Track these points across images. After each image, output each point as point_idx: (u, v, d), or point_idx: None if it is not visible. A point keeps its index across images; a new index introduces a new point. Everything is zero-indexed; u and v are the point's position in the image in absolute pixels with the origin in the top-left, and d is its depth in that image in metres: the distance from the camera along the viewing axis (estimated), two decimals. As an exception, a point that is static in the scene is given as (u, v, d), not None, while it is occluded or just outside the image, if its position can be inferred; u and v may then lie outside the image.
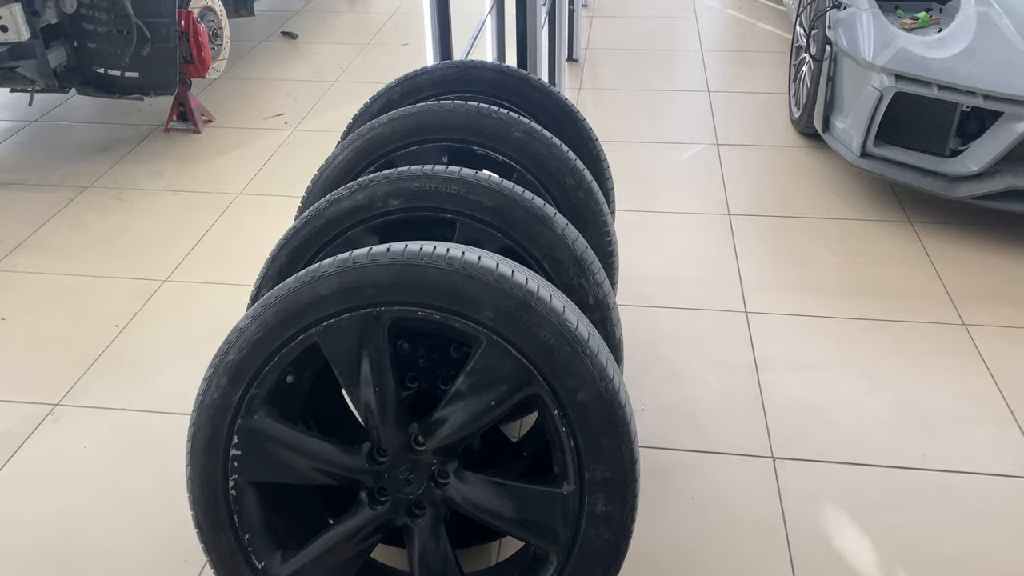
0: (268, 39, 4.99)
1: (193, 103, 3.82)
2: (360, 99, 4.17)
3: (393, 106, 2.22)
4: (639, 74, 4.40)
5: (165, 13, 3.27)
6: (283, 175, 3.46)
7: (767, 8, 5.33)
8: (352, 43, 4.92)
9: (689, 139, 3.69)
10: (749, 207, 3.15)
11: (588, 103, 4.10)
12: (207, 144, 3.74)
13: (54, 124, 3.94)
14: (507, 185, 1.67)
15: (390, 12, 5.42)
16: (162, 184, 3.40)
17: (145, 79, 3.35)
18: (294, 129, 3.87)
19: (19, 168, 3.54)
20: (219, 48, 3.77)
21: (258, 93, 4.25)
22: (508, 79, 2.21)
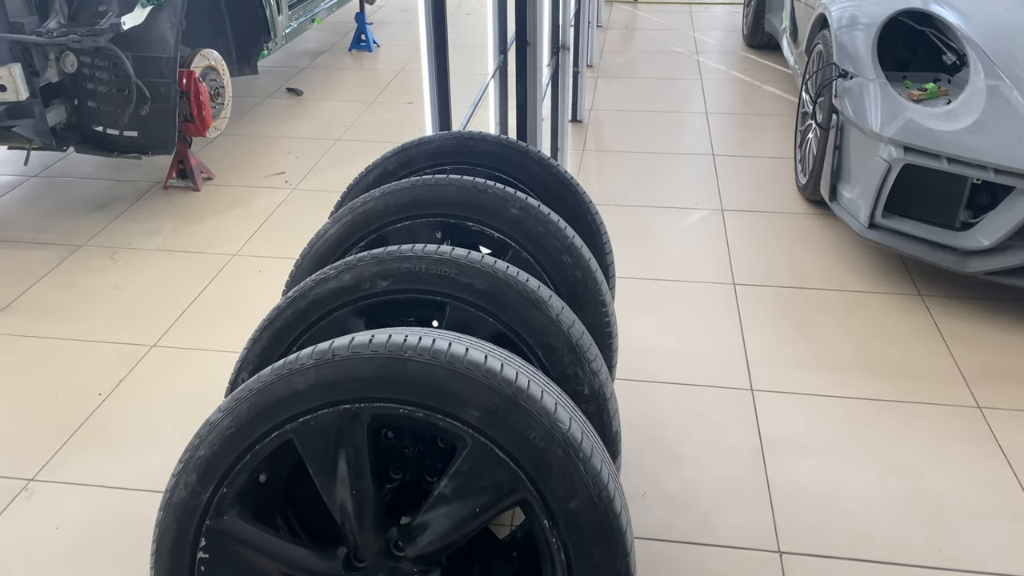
0: (273, 95, 5.00)
1: (193, 161, 3.80)
2: (363, 157, 4.15)
3: (389, 177, 2.17)
4: (643, 136, 4.37)
5: (165, 73, 3.25)
6: (280, 236, 3.41)
7: (772, 70, 5.33)
8: (357, 100, 4.92)
9: (693, 204, 3.63)
10: (755, 276, 3.07)
11: (591, 165, 4.06)
12: (205, 202, 3.70)
13: (53, 180, 3.91)
14: (500, 267, 1.60)
15: (396, 70, 5.43)
16: (157, 243, 3.35)
17: (144, 138, 3.32)
18: (294, 188, 3.83)
19: (14, 225, 3.50)
20: (220, 107, 3.75)
21: (260, 150, 4.23)
22: (506, 151, 2.15)
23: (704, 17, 6.67)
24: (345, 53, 5.82)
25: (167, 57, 3.25)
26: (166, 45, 3.25)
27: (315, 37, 6.11)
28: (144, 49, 3.20)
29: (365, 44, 5.85)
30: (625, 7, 6.98)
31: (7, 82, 2.96)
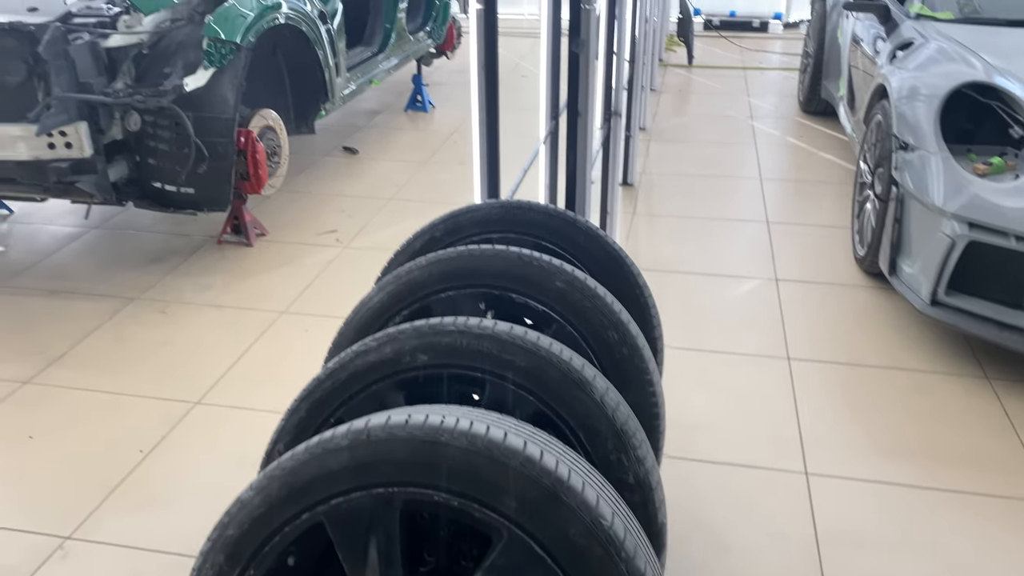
0: (329, 153, 5.09)
1: (247, 217, 3.86)
2: (414, 217, 4.17)
3: (435, 244, 2.15)
4: (695, 201, 4.32)
5: (224, 133, 3.33)
6: (329, 295, 3.42)
7: (828, 137, 5.25)
8: (411, 160, 4.98)
9: (746, 272, 3.55)
10: (810, 351, 2.97)
11: (641, 229, 4.02)
12: (257, 258, 3.74)
13: (112, 232, 4.01)
14: (543, 344, 1.55)
15: (450, 131, 5.50)
16: (208, 299, 3.39)
17: (200, 195, 3.39)
18: (345, 246, 3.86)
19: (73, 275, 3.58)
20: (276, 165, 3.82)
21: (313, 208, 4.29)
22: (554, 220, 2.12)
23: (759, 82, 6.64)
24: (401, 113, 5.93)
25: (226, 118, 3.33)
26: (226, 106, 3.33)
27: (373, 97, 6.24)
28: (205, 109, 3.28)
29: (421, 105, 5.95)
30: (679, 71, 7.01)
31: (73, 139, 3.06)
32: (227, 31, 3.28)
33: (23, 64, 3.05)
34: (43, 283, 3.52)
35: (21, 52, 3.05)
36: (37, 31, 2.99)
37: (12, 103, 3.12)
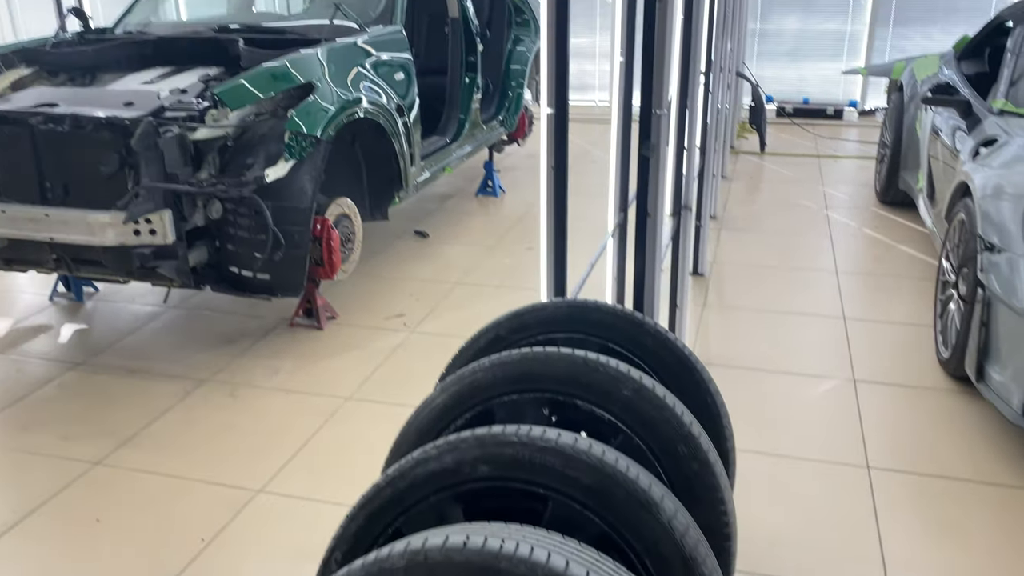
0: (401, 237, 5.19)
1: (319, 301, 3.93)
2: (480, 302, 4.19)
3: (500, 342, 2.14)
4: (768, 293, 4.22)
5: (300, 221, 3.42)
6: (394, 381, 3.43)
7: (907, 229, 5.11)
8: (479, 245, 5.03)
9: (823, 371, 3.42)
10: (892, 460, 2.81)
11: (712, 322, 3.93)
12: (327, 342, 3.79)
13: (189, 312, 4.14)
14: (608, 459, 1.49)
15: (519, 216, 5.56)
16: (276, 382, 3.43)
17: (275, 281, 3.47)
18: (412, 331, 3.88)
19: (150, 355, 3.69)
20: (350, 251, 3.90)
21: (383, 291, 4.35)
22: (621, 322, 2.09)
23: (833, 170, 6.55)
24: (472, 197, 6.03)
25: (304, 207, 3.43)
26: (304, 196, 3.43)
27: (445, 181, 6.37)
28: (283, 199, 3.39)
29: (491, 190, 6.05)
30: (751, 158, 6.97)
31: (158, 227, 3.19)
32: (308, 125, 3.41)
33: (116, 155, 3.23)
34: (122, 361, 3.63)
35: (115, 144, 3.23)
36: (131, 125, 3.16)
37: (104, 191, 3.28)
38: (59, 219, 3.25)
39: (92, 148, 3.26)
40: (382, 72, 4.13)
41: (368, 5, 4.54)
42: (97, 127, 3.23)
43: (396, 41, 4.33)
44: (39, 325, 4.01)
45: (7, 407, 3.28)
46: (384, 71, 4.15)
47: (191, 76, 3.84)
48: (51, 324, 4.02)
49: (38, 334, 3.92)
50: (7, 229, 3.33)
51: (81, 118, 3.23)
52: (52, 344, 3.81)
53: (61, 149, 3.32)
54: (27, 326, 4.01)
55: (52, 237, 3.28)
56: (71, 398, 3.35)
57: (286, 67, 3.57)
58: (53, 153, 3.34)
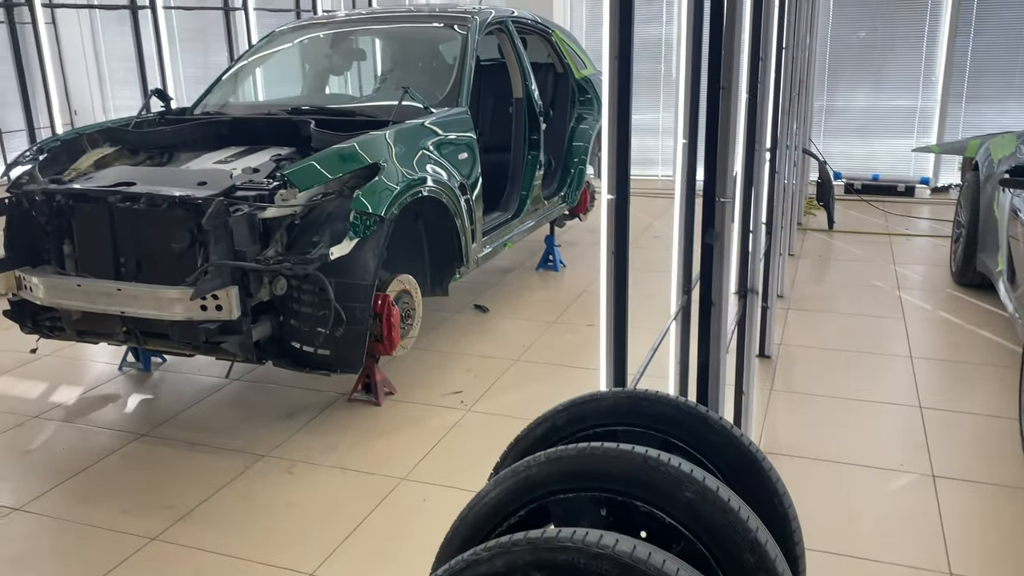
0: (461, 311, 5.19)
1: (378, 376, 3.93)
2: (538, 380, 4.13)
3: (557, 433, 2.08)
4: (839, 378, 4.06)
5: (362, 298, 3.45)
6: (449, 462, 3.38)
7: (987, 313, 4.89)
8: (539, 320, 5.00)
9: (898, 465, 3.24)
10: (977, 568, 2.61)
11: (779, 407, 3.79)
12: (384, 418, 3.78)
13: (251, 385, 4.18)
14: (669, 570, 1.41)
15: (579, 291, 5.53)
16: (333, 459, 3.42)
17: (334, 357, 3.48)
18: (469, 409, 3.84)
19: (211, 428, 3.72)
20: (409, 327, 3.91)
21: (441, 366, 4.34)
22: (684, 416, 2.01)
23: (906, 249, 6.37)
24: (533, 272, 6.04)
25: (366, 284, 3.46)
26: (366, 273, 3.47)
27: (506, 255, 6.40)
28: (346, 276, 3.43)
29: (552, 264, 6.04)
30: (819, 235, 6.84)
31: (224, 303, 3.25)
32: (373, 205, 3.47)
33: (188, 233, 3.33)
34: (184, 433, 3.67)
35: (187, 222, 3.33)
36: (203, 204, 3.26)
37: (174, 267, 3.38)
38: (130, 294, 3.34)
39: (165, 226, 3.37)
40: (446, 152, 4.21)
41: (435, 87, 4.66)
42: (171, 206, 3.34)
43: (461, 122, 4.41)
44: (108, 394, 4.11)
45: (71, 477, 3.34)
46: (448, 151, 4.23)
47: (264, 156, 3.97)
48: (119, 394, 4.11)
49: (106, 403, 4.01)
50: (81, 302, 3.44)
51: (156, 197, 3.35)
52: (118, 414, 3.89)
53: (136, 226, 3.45)
54: (96, 395, 4.10)
55: (123, 311, 3.37)
56: (132, 469, 3.39)
57: (354, 149, 3.66)
58: (128, 230, 3.47)
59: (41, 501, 3.17)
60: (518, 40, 5.29)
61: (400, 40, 5.56)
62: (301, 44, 5.45)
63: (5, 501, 3.17)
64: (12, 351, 4.59)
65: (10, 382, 4.28)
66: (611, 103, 2.05)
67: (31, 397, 4.10)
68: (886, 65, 8.28)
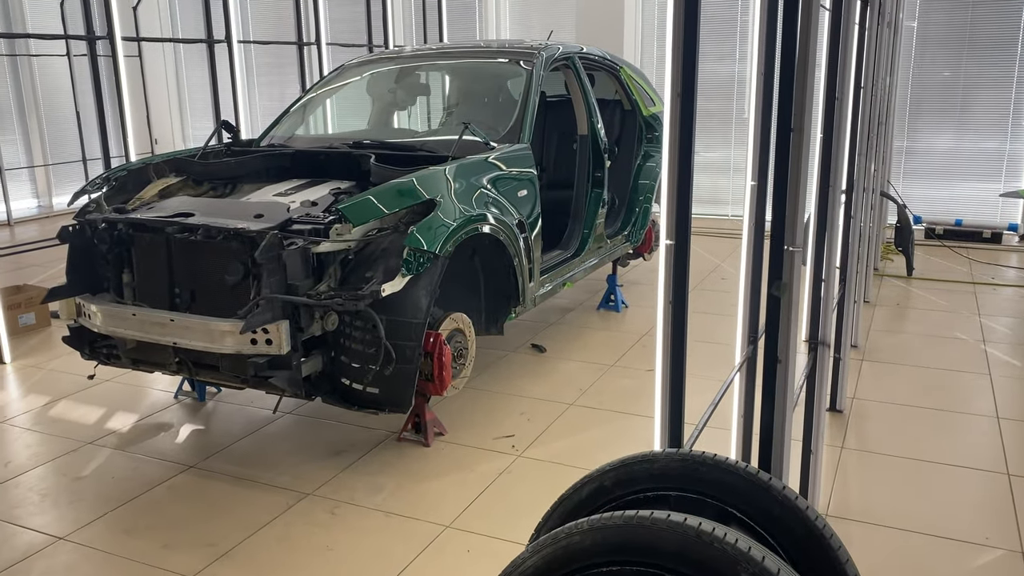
0: (517, 350, 5.08)
1: (428, 416, 3.84)
2: (594, 426, 3.97)
3: (604, 495, 1.93)
4: (916, 438, 3.79)
5: (413, 337, 3.37)
6: (496, 511, 3.24)
7: (1084, 371, 4.54)
8: (597, 363, 4.84)
9: (982, 539, 2.97)
10: (1074, 662, 2.34)
11: (850, 467, 3.54)
12: (432, 460, 3.67)
13: (301, 419, 4.14)
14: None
15: (640, 333, 5.36)
16: (377, 502, 3.32)
17: (383, 396, 3.40)
18: (520, 455, 3.70)
19: (257, 463, 3.67)
20: (461, 367, 3.81)
21: (494, 408, 4.22)
22: (744, 484, 1.84)
23: (992, 299, 6.00)
24: (593, 311, 5.89)
25: (417, 322, 3.38)
26: (418, 311, 3.39)
27: (566, 293, 6.27)
28: (397, 313, 3.36)
29: (614, 304, 5.89)
30: (897, 282, 6.51)
31: (274, 337, 3.20)
32: (428, 241, 3.40)
33: (242, 265, 3.31)
34: (230, 467, 3.63)
35: (241, 255, 3.31)
36: (257, 237, 3.24)
37: (228, 300, 3.36)
38: (183, 324, 3.33)
39: (220, 257, 3.37)
40: (506, 189, 4.13)
41: (498, 123, 4.61)
42: (226, 237, 3.34)
43: (522, 158, 4.34)
44: (161, 423, 4.11)
45: (118, 507, 3.32)
46: (508, 188, 4.15)
47: (323, 189, 3.96)
48: (172, 423, 4.11)
49: (159, 432, 4.01)
50: (135, 331, 3.45)
51: (212, 228, 3.35)
52: (169, 444, 3.88)
53: (192, 257, 3.45)
54: (150, 423, 4.11)
55: (175, 341, 3.37)
56: (177, 502, 3.35)
57: (412, 184, 3.61)
58: (185, 261, 3.47)
59: (86, 531, 3.15)
60: (585, 76, 5.21)
61: (466, 75, 5.54)
62: (368, 78, 5.49)
63: (52, 529, 3.17)
64: (73, 374, 4.67)
65: (69, 406, 4.33)
66: (672, 143, 1.92)
67: (88, 423, 4.13)
68: (971, 105, 7.93)
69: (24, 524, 3.21)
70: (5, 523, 3.22)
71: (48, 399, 4.43)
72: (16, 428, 4.08)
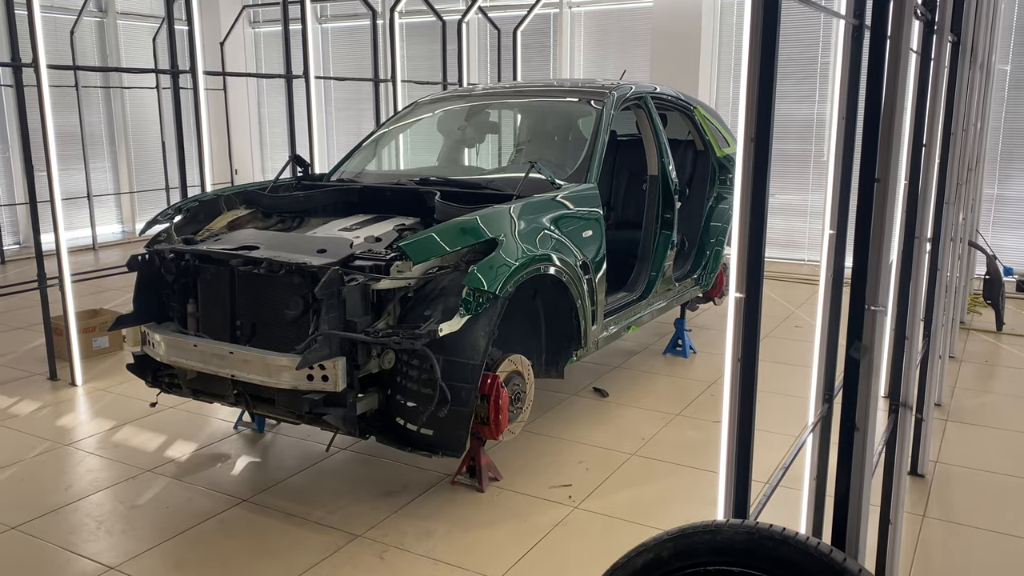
0: (578, 393, 4.95)
1: (483, 460, 3.73)
2: (655, 480, 3.81)
3: (660, 568, 1.79)
4: (1007, 510, 3.50)
5: (469, 379, 3.29)
6: (550, 565, 3.11)
7: None
8: (661, 411, 4.67)
9: (1084, 630, 2.69)
10: None
11: (934, 539, 3.28)
12: (485, 507, 3.56)
13: (356, 456, 4.08)
14: None
15: (708, 381, 5.16)
16: (427, 548, 3.22)
17: (437, 438, 3.32)
18: (576, 507, 3.56)
19: (309, 500, 3.62)
20: (519, 411, 3.70)
21: (552, 453, 4.09)
22: (814, 564, 1.68)
23: (1092, 359, 5.59)
24: (659, 356, 5.72)
25: (474, 364, 3.30)
26: (475, 352, 3.31)
27: (632, 337, 6.12)
28: (454, 354, 3.28)
29: (681, 350, 5.70)
30: (985, 337, 6.14)
31: (330, 374, 3.16)
32: (488, 281, 3.32)
33: (302, 300, 3.29)
34: (283, 503, 3.59)
35: (302, 290, 3.30)
36: (318, 272, 3.23)
37: (287, 334, 3.35)
38: (241, 357, 3.33)
39: (281, 291, 3.36)
40: (571, 229, 4.03)
41: (566, 162, 4.54)
42: (288, 272, 3.33)
43: (588, 198, 4.24)
44: (219, 453, 4.11)
45: (171, 538, 3.30)
46: (573, 228, 4.06)
47: (388, 225, 3.94)
48: (229, 454, 4.11)
49: (216, 463, 4.01)
50: (196, 362, 3.46)
51: (274, 262, 3.35)
52: (225, 475, 3.87)
53: (254, 290, 3.46)
54: (208, 453, 4.12)
55: (234, 374, 3.36)
56: (228, 538, 3.32)
57: (476, 222, 3.55)
58: (247, 294, 3.48)
59: (137, 562, 3.14)
60: (656, 116, 5.11)
61: (536, 114, 5.51)
62: (439, 115, 5.50)
63: (104, 558, 3.17)
64: (139, 399, 4.73)
65: (133, 432, 4.38)
66: (744, 189, 1.80)
67: (148, 449, 4.16)
68: (1068, 153, 7.52)
69: (78, 551, 3.22)
70: (61, 549, 3.23)
71: (113, 423, 4.49)
72: (81, 451, 4.15)
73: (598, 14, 9.74)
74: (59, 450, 4.16)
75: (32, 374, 5.34)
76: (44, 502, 3.61)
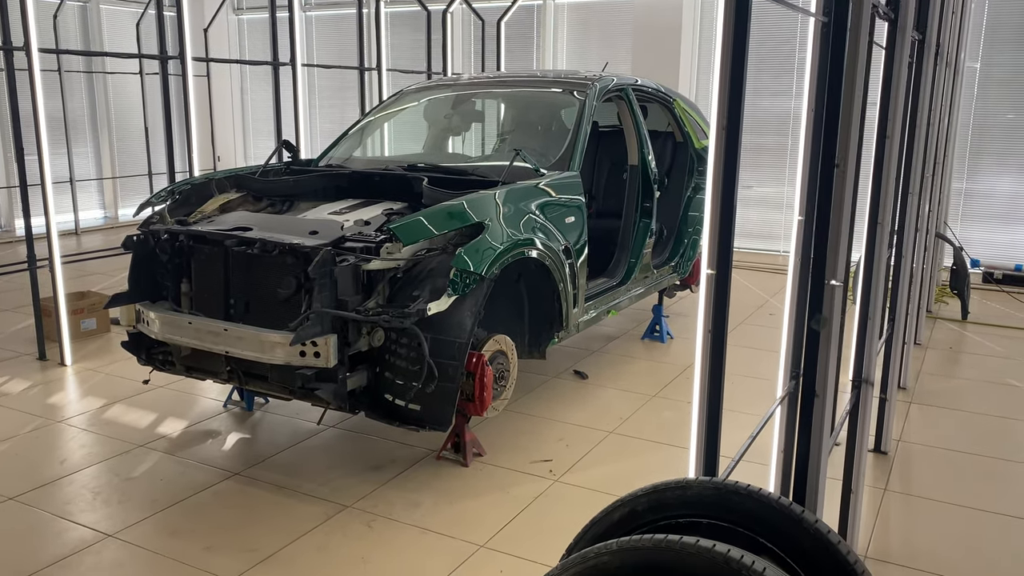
0: (559, 375, 5.10)
1: (468, 436, 3.88)
2: (632, 456, 3.97)
3: (635, 519, 1.95)
4: (965, 486, 3.70)
5: (456, 356, 3.43)
6: (531, 533, 3.26)
7: None
8: (639, 392, 4.84)
9: (1029, 591, 2.89)
10: None
11: (893, 511, 3.47)
12: (470, 480, 3.71)
13: (345, 433, 4.22)
14: None
15: (684, 365, 5.33)
16: (414, 518, 3.36)
17: (424, 413, 3.46)
18: (556, 480, 3.72)
19: (300, 473, 3.76)
20: (502, 389, 3.85)
21: (533, 432, 4.24)
22: (775, 516, 1.84)
23: (1051, 346, 5.83)
24: (638, 341, 5.89)
25: (460, 342, 3.44)
26: (462, 331, 3.45)
27: (611, 322, 6.29)
28: (441, 332, 3.42)
29: (659, 335, 5.88)
30: (951, 325, 6.37)
31: (322, 350, 3.29)
32: (474, 263, 3.46)
33: (294, 280, 3.41)
34: (274, 476, 3.71)
35: (295, 269, 3.42)
36: (311, 252, 3.35)
37: (279, 312, 3.47)
38: (235, 334, 3.45)
39: (274, 271, 3.48)
40: (554, 215, 4.18)
41: (549, 150, 4.68)
42: (281, 252, 3.45)
43: (571, 185, 4.39)
44: (209, 430, 4.23)
45: (165, 508, 3.42)
46: (556, 214, 4.20)
47: (377, 209, 4.06)
48: (220, 431, 4.22)
49: (207, 439, 4.12)
50: (191, 339, 3.57)
51: (268, 243, 3.47)
52: (216, 450, 3.99)
53: (247, 270, 3.57)
54: (199, 430, 4.23)
55: (227, 351, 3.48)
56: (222, 508, 3.44)
57: (462, 206, 3.69)
58: (240, 273, 3.59)
59: (133, 530, 3.26)
60: (637, 108, 5.27)
61: (520, 103, 5.64)
62: (425, 104, 5.62)
63: (101, 527, 3.28)
64: (129, 379, 4.83)
65: (123, 409, 4.48)
66: (715, 174, 1.95)
67: (140, 426, 4.27)
68: (1035, 149, 7.76)
69: (75, 520, 3.33)
70: (58, 518, 3.34)
71: (104, 402, 4.59)
72: (73, 428, 4.24)
73: (581, 6, 9.88)
74: (52, 426, 4.25)
75: (21, 354, 5.41)
76: (40, 475, 3.71)
